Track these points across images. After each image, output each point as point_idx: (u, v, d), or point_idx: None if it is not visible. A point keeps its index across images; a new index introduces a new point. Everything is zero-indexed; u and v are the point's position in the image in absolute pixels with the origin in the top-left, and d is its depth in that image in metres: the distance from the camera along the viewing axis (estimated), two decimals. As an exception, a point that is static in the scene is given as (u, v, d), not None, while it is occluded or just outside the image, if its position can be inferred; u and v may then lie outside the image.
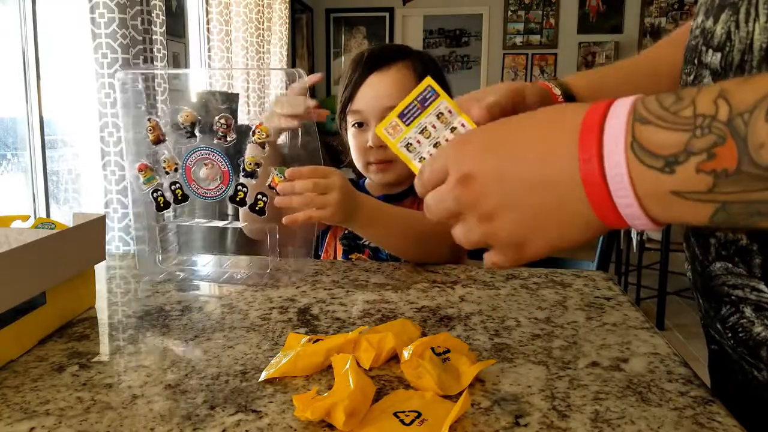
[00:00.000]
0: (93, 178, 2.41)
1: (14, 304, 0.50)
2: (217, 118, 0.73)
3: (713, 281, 0.50)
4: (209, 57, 3.48)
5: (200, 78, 3.49)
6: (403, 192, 1.00)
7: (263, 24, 4.01)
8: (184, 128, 0.73)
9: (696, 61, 0.50)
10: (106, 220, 0.64)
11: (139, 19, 2.36)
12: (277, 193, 0.73)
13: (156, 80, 2.53)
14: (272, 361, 0.49)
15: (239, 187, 0.74)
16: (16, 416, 0.42)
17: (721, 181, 0.30)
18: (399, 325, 0.55)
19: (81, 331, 0.58)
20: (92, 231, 0.62)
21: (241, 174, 0.73)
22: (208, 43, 3.46)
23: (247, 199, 0.74)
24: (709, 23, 0.48)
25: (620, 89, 0.63)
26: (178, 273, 0.78)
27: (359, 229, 0.83)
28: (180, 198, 0.75)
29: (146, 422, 0.40)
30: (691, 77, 0.50)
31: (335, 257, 1.00)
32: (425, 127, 0.49)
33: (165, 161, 0.74)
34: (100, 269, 0.80)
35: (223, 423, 0.40)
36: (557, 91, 0.61)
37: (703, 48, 0.48)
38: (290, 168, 0.73)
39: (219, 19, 3.45)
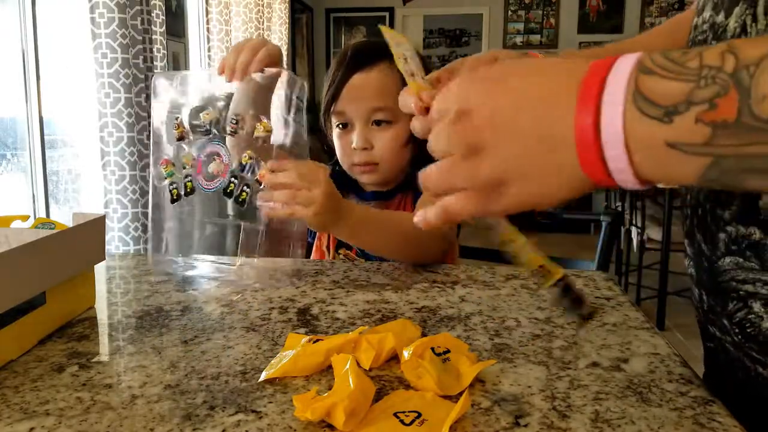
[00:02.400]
0: (93, 178, 2.41)
1: (14, 304, 0.50)
2: (231, 114, 0.75)
3: (721, 277, 0.50)
4: (209, 57, 3.47)
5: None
6: (392, 189, 1.00)
7: (263, 24, 4.01)
8: (204, 127, 0.76)
9: None
10: (106, 220, 0.64)
11: (139, 19, 2.36)
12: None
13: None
14: (272, 361, 0.49)
15: (232, 179, 0.74)
16: (15, 416, 0.42)
17: (719, 132, 0.30)
18: (399, 325, 0.55)
19: (81, 331, 0.58)
20: (92, 231, 0.62)
21: (235, 166, 0.74)
22: (208, 43, 3.46)
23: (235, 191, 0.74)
24: (720, 18, 0.48)
25: None
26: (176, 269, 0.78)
27: (344, 237, 0.82)
28: (189, 190, 0.77)
29: (146, 422, 0.40)
30: None
31: (329, 246, 0.99)
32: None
33: (184, 156, 0.77)
34: (100, 269, 0.80)
35: (223, 423, 0.40)
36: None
37: (714, 42, 0.48)
38: (275, 161, 0.72)
39: (219, 19, 3.45)
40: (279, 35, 4.33)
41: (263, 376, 0.47)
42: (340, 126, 0.96)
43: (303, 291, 0.71)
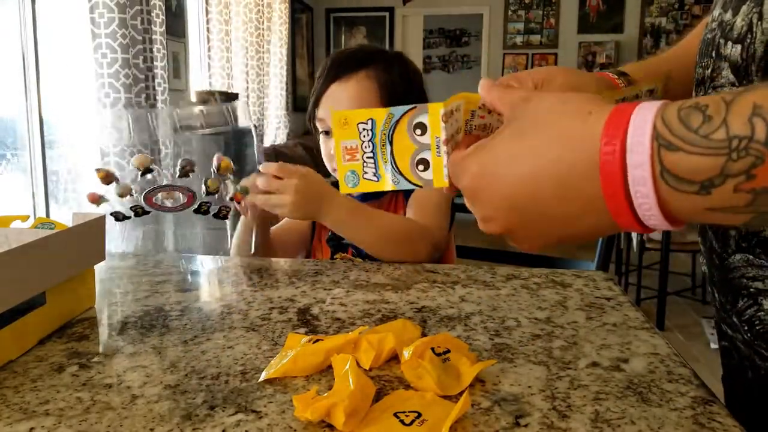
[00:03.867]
0: (93, 178, 2.41)
1: (14, 304, 0.50)
2: (180, 161, 0.81)
3: (731, 273, 0.50)
4: (209, 57, 3.48)
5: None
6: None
7: (263, 24, 4.01)
8: (141, 171, 0.81)
9: (713, 54, 0.49)
10: (106, 220, 0.64)
11: (139, 19, 2.36)
12: (237, 205, 0.83)
13: (156, 80, 2.54)
14: (272, 361, 0.49)
15: (203, 204, 0.82)
16: (15, 416, 0.42)
17: (760, 197, 0.29)
18: (399, 325, 0.55)
19: (81, 331, 0.58)
20: (92, 231, 0.62)
21: (203, 193, 0.81)
22: (208, 42, 3.46)
23: (210, 210, 0.82)
24: (728, 16, 0.48)
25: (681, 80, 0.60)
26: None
27: (330, 226, 0.88)
28: (141, 213, 0.82)
29: (146, 422, 0.40)
30: (709, 70, 0.50)
31: (320, 238, 1.03)
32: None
33: (118, 190, 0.81)
34: (100, 269, 0.80)
35: (223, 423, 0.40)
36: (620, 82, 0.58)
37: (722, 41, 0.48)
38: (264, 163, 0.82)
39: (219, 19, 3.45)
40: (279, 35, 4.33)
41: (263, 376, 0.47)
42: (323, 133, 0.99)
43: (303, 291, 0.71)
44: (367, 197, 1.00)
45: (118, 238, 0.82)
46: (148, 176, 0.79)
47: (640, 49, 5.34)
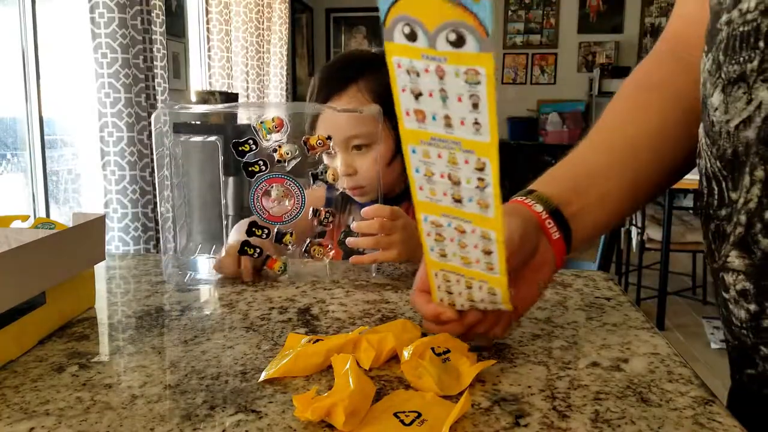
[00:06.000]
0: (93, 178, 2.41)
1: (14, 304, 0.50)
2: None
3: None
4: (209, 57, 3.48)
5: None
6: (397, 196, 1.00)
7: (263, 24, 4.01)
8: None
9: (762, 44, 0.45)
10: (106, 220, 0.64)
11: (139, 18, 2.36)
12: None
13: (156, 80, 2.54)
14: (272, 362, 0.49)
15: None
16: (15, 416, 0.42)
17: None
18: (399, 325, 0.55)
19: (81, 331, 0.58)
20: (92, 231, 0.62)
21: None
22: (208, 42, 3.46)
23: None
24: None
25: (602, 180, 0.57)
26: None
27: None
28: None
29: (146, 422, 0.40)
30: (755, 62, 0.46)
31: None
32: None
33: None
34: (100, 269, 0.80)
35: (223, 423, 0.40)
36: (538, 208, 0.53)
37: None
38: (364, 208, 0.76)
39: (219, 19, 3.45)
40: (279, 35, 4.33)
41: (263, 376, 0.47)
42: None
43: (303, 291, 0.71)
44: (385, 203, 0.99)
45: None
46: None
47: (640, 49, 5.34)
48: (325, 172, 0.76)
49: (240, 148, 0.71)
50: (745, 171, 0.47)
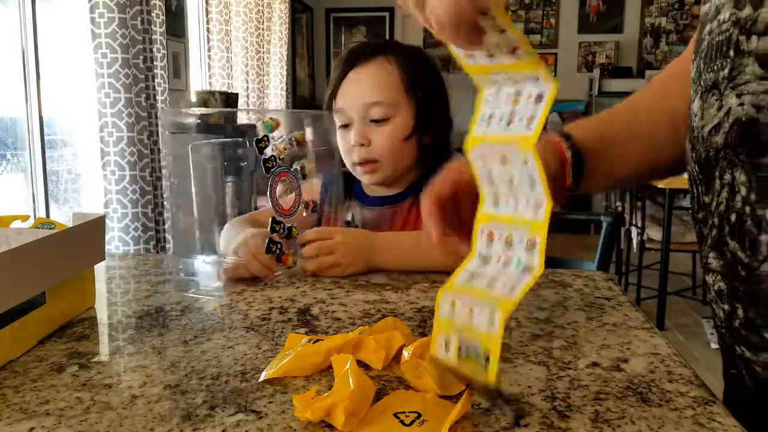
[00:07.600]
0: (93, 178, 2.41)
1: (14, 304, 0.50)
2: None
3: (763, 284, 0.47)
4: (209, 57, 3.47)
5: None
6: (400, 194, 0.99)
7: (263, 24, 4.01)
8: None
9: (732, 53, 0.48)
10: (106, 220, 0.64)
11: (139, 18, 2.36)
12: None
13: (156, 80, 2.54)
14: (272, 362, 0.49)
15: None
16: (15, 416, 0.42)
17: None
18: (391, 324, 0.55)
19: (81, 331, 0.58)
20: (92, 231, 0.62)
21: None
22: (208, 42, 3.46)
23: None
24: (746, 11, 0.46)
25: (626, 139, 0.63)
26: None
27: (391, 268, 0.83)
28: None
29: (146, 422, 0.40)
30: (726, 71, 0.48)
31: None
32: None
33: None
34: (100, 269, 0.80)
35: (223, 423, 0.40)
36: (568, 154, 0.59)
37: (742, 38, 0.46)
38: (300, 233, 0.80)
39: (219, 19, 3.45)
40: (279, 35, 4.33)
41: (263, 376, 0.47)
42: (342, 126, 0.96)
43: (303, 291, 0.71)
44: (384, 202, 0.99)
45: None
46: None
47: (640, 49, 5.34)
48: (302, 168, 0.80)
49: (260, 145, 0.76)
50: (716, 175, 0.49)
